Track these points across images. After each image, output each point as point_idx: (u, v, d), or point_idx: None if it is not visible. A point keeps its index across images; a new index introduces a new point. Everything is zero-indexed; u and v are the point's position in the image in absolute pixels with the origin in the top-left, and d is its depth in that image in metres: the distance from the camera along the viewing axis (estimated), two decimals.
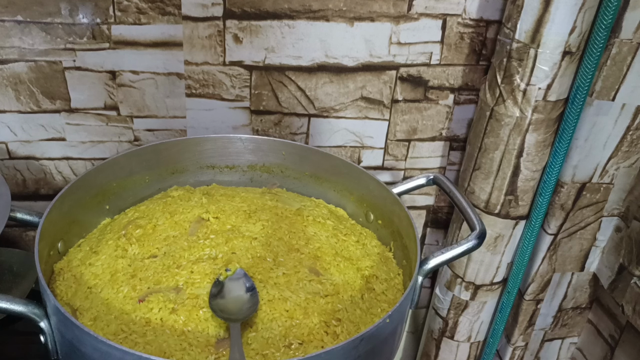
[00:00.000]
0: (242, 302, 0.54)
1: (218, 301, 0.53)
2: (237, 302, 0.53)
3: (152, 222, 0.68)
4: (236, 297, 0.54)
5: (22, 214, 0.65)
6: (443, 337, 0.97)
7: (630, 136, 0.78)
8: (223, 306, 0.52)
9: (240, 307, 0.52)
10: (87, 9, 0.70)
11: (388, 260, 0.70)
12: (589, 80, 0.71)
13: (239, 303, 0.54)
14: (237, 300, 0.54)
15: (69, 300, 0.59)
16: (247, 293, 0.54)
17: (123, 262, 0.63)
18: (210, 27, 0.74)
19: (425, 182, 0.76)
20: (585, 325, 0.98)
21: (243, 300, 0.54)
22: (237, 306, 0.53)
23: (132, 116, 0.79)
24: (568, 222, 0.84)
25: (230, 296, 0.55)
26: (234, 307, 0.52)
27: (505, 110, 0.75)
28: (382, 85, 0.81)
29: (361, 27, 0.76)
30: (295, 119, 0.83)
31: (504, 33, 0.73)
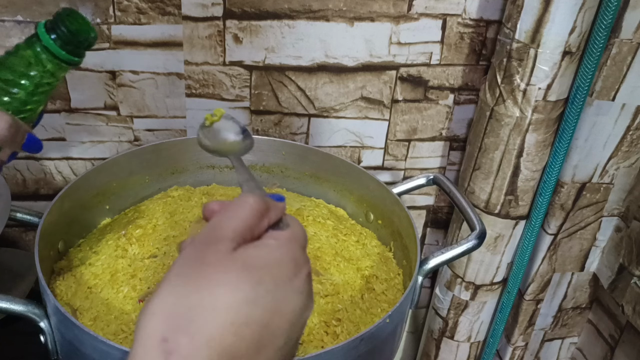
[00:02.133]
0: (236, 143, 0.46)
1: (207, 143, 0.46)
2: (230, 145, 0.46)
3: (152, 222, 0.68)
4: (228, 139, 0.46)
5: (22, 214, 0.65)
6: (443, 337, 0.97)
7: (630, 136, 0.78)
8: (215, 147, 0.46)
9: (235, 147, 0.45)
10: (87, 9, 0.70)
11: (388, 260, 0.70)
12: (589, 80, 0.71)
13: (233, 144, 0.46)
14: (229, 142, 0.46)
15: (69, 300, 0.59)
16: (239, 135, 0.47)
17: (123, 262, 0.63)
18: (210, 27, 0.74)
19: (425, 182, 0.76)
20: (585, 325, 0.98)
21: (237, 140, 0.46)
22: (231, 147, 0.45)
23: (132, 116, 0.79)
24: (568, 222, 0.84)
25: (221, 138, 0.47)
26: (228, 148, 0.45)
27: (505, 110, 0.75)
28: (382, 85, 0.81)
29: (361, 27, 0.76)
30: (295, 119, 0.83)
31: (504, 33, 0.73)
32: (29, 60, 0.41)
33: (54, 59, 0.41)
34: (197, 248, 0.30)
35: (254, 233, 0.32)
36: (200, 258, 0.30)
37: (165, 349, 0.27)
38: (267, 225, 0.33)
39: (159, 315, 0.28)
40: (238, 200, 0.33)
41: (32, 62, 0.41)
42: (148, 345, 0.27)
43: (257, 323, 0.29)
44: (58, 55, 0.41)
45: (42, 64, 0.41)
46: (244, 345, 0.28)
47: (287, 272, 0.31)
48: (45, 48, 0.41)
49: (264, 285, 0.29)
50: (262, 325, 0.29)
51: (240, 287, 0.29)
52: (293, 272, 0.31)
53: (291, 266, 0.31)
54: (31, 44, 0.41)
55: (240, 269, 0.29)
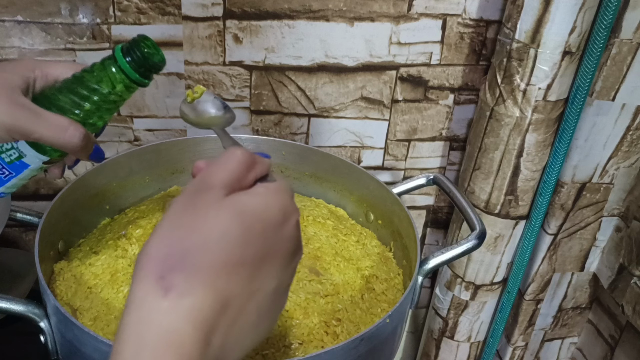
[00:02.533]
0: (218, 117, 0.49)
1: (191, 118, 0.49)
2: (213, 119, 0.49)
3: (152, 222, 0.68)
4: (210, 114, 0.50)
5: (22, 214, 0.65)
6: (443, 337, 0.97)
7: (630, 136, 0.78)
8: (198, 121, 0.49)
9: (218, 121, 0.48)
10: (87, 9, 0.70)
11: (388, 260, 0.70)
12: (589, 80, 0.71)
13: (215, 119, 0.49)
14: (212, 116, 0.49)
15: (69, 300, 0.59)
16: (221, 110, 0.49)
17: (123, 262, 0.63)
18: (210, 27, 0.74)
19: (425, 182, 0.76)
20: (585, 325, 0.98)
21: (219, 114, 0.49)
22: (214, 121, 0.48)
23: (132, 116, 0.79)
24: (568, 222, 0.84)
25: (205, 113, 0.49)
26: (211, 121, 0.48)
27: (505, 110, 0.75)
28: (382, 85, 0.81)
29: (361, 27, 0.76)
30: (295, 119, 0.83)
31: (504, 33, 0.73)
32: (103, 78, 0.45)
33: (126, 80, 0.45)
34: (188, 196, 0.31)
35: (242, 184, 0.33)
36: (192, 204, 0.31)
37: (163, 285, 0.28)
38: (254, 178, 0.34)
39: (155, 258, 0.29)
40: (225, 153, 0.34)
41: (105, 80, 0.45)
42: (146, 284, 0.28)
43: (249, 264, 0.30)
44: (130, 77, 0.45)
45: (113, 83, 0.45)
46: (237, 285, 0.29)
47: (276, 218, 0.32)
48: (120, 69, 0.44)
49: (254, 229, 0.30)
50: (254, 267, 0.30)
51: (232, 230, 0.30)
52: (282, 218, 0.32)
53: (280, 213, 0.32)
54: (107, 64, 0.45)
55: (232, 213, 0.30)
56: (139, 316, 0.28)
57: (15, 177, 0.49)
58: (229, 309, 0.29)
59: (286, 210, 0.33)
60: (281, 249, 0.32)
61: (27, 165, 0.48)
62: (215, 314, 0.28)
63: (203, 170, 0.33)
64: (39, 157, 0.47)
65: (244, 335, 0.31)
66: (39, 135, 0.43)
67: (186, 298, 0.28)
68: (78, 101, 0.45)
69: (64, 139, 0.44)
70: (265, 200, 0.32)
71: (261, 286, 0.31)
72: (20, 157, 0.47)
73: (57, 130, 0.44)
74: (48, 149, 0.47)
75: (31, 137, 0.44)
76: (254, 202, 0.32)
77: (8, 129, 0.42)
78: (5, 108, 0.42)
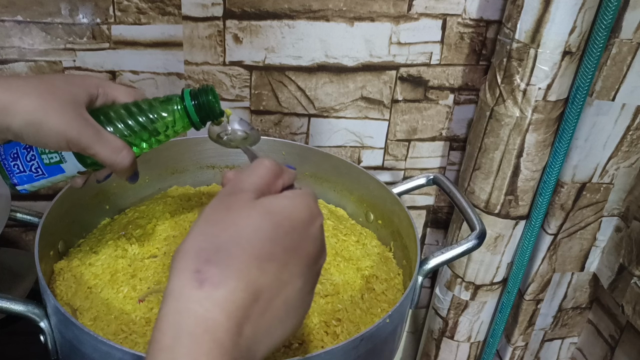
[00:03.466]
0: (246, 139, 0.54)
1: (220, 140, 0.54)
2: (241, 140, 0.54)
3: (152, 222, 0.68)
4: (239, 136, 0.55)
5: (22, 214, 0.65)
6: (443, 337, 0.97)
7: (630, 136, 0.78)
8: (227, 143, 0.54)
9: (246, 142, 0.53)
10: (87, 9, 0.70)
11: (388, 260, 0.70)
12: (589, 80, 0.71)
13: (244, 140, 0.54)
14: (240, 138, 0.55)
15: (69, 300, 0.59)
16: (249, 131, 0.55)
17: (123, 262, 0.63)
18: (210, 27, 0.74)
19: (425, 182, 0.76)
20: (585, 325, 0.98)
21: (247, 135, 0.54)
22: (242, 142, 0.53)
23: None
24: (568, 222, 0.84)
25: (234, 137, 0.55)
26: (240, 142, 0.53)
27: (505, 110, 0.75)
28: (382, 85, 0.81)
29: (361, 27, 0.76)
30: (295, 119, 0.83)
31: (504, 33, 0.73)
32: (166, 112, 0.49)
33: (186, 120, 0.49)
34: (221, 199, 0.34)
35: (271, 189, 0.36)
36: (225, 206, 0.33)
37: (199, 278, 0.30)
38: (282, 186, 0.37)
39: (191, 253, 0.31)
40: (255, 162, 0.37)
41: (167, 115, 0.49)
42: (183, 277, 0.30)
43: (278, 260, 0.32)
44: (192, 118, 0.49)
45: (174, 119, 0.49)
46: (267, 279, 0.31)
47: (303, 219, 0.34)
48: (185, 109, 0.49)
49: (283, 227, 0.33)
50: (282, 263, 0.32)
51: (262, 227, 0.32)
52: (309, 219, 0.34)
53: (307, 214, 0.34)
54: (174, 102, 0.49)
55: (262, 212, 0.33)
56: (177, 306, 0.30)
57: (46, 179, 0.50)
58: (260, 301, 0.31)
59: (312, 212, 0.35)
60: (307, 248, 0.34)
61: (62, 171, 0.49)
62: (247, 305, 0.30)
63: (233, 178, 0.36)
64: (78, 167, 0.49)
65: (273, 328, 0.32)
66: (94, 152, 0.46)
67: (220, 289, 0.30)
68: (135, 127, 0.48)
69: (117, 159, 0.47)
70: (293, 202, 0.34)
71: (289, 282, 0.33)
72: (59, 162, 0.49)
73: (113, 150, 0.46)
74: (89, 161, 0.49)
75: (87, 152, 0.46)
76: (282, 203, 0.34)
77: (69, 140, 0.44)
78: (71, 121, 0.44)
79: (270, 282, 0.31)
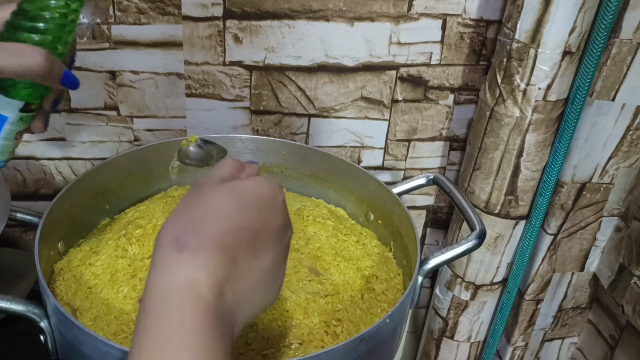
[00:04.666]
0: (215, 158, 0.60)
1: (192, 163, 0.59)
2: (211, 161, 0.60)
3: (152, 222, 0.68)
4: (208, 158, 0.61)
5: (22, 214, 0.65)
6: (443, 337, 0.97)
7: (630, 136, 0.78)
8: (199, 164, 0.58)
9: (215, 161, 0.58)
10: (87, 9, 0.70)
11: (388, 260, 0.70)
12: (589, 80, 0.71)
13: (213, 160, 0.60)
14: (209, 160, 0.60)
15: (69, 300, 0.59)
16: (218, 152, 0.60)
17: (123, 262, 0.63)
18: (210, 27, 0.74)
19: (425, 182, 0.76)
20: (585, 325, 0.98)
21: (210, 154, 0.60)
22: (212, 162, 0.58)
23: (132, 116, 0.79)
24: (568, 222, 0.84)
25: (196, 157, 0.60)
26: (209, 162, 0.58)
27: (505, 110, 0.75)
28: (382, 85, 0.81)
29: (361, 27, 0.76)
30: (295, 119, 0.83)
31: (504, 33, 0.73)
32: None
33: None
34: (192, 189, 0.38)
35: (235, 178, 0.40)
36: (195, 192, 0.38)
37: (178, 245, 0.33)
38: (246, 176, 0.41)
39: (169, 228, 0.35)
40: (219, 163, 0.41)
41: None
42: (164, 248, 0.34)
43: (249, 228, 0.36)
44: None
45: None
46: (240, 245, 0.35)
47: (266, 195, 0.38)
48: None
49: (249, 201, 0.37)
50: (253, 231, 0.36)
51: (230, 202, 0.36)
52: (272, 195, 0.39)
53: (269, 191, 0.39)
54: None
55: (229, 190, 0.37)
56: (162, 273, 0.33)
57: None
58: (237, 266, 0.34)
59: (274, 189, 0.39)
60: (274, 220, 0.38)
61: (4, 118, 0.46)
62: (225, 268, 0.33)
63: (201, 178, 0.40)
64: (13, 105, 0.46)
65: (252, 294, 0.36)
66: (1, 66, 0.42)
67: (198, 253, 0.33)
68: (32, 25, 0.44)
69: (26, 61, 0.43)
70: (255, 182, 0.39)
71: (262, 251, 0.36)
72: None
73: (17, 53, 0.43)
74: (19, 89, 0.45)
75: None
76: (245, 183, 0.39)
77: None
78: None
79: (245, 248, 0.35)
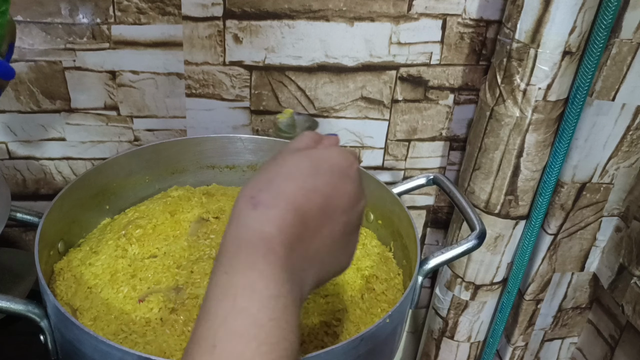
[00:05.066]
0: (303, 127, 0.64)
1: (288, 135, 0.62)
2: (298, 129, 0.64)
3: (152, 222, 0.68)
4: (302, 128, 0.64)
5: (22, 214, 0.65)
6: (443, 337, 0.97)
7: (630, 136, 0.78)
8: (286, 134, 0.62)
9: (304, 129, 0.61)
10: (87, 9, 0.70)
11: (388, 260, 0.70)
12: (589, 80, 0.71)
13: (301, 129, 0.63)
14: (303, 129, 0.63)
15: (69, 300, 0.59)
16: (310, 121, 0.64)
17: (123, 262, 0.63)
18: (210, 27, 0.74)
19: (425, 182, 0.76)
20: (585, 325, 0.98)
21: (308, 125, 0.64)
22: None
23: (132, 116, 0.79)
24: (568, 222, 0.84)
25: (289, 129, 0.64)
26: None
27: (505, 110, 0.75)
28: (382, 85, 0.81)
29: (361, 27, 0.76)
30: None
31: (504, 33, 0.73)
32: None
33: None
34: (271, 158, 0.39)
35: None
36: (274, 158, 0.39)
37: (253, 202, 0.35)
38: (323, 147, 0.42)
39: (247, 189, 0.36)
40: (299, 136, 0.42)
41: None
42: (240, 204, 0.35)
43: (321, 192, 0.37)
44: None
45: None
46: (312, 207, 0.36)
47: (339, 163, 0.39)
48: None
49: (322, 167, 0.38)
50: (325, 195, 0.37)
51: (304, 165, 0.37)
52: (345, 163, 0.39)
53: (342, 159, 0.39)
54: None
55: (303, 155, 0.39)
56: (236, 225, 0.35)
57: None
58: (308, 226, 0.35)
59: (348, 158, 0.40)
60: (346, 187, 0.39)
61: None
62: (297, 225, 0.35)
63: None
64: None
65: (323, 255, 0.37)
66: None
67: (272, 210, 0.34)
68: None
69: None
70: (329, 150, 0.40)
71: (333, 215, 0.37)
72: None
73: None
74: None
75: None
76: (320, 151, 0.40)
77: None
78: None
79: (316, 211, 0.36)
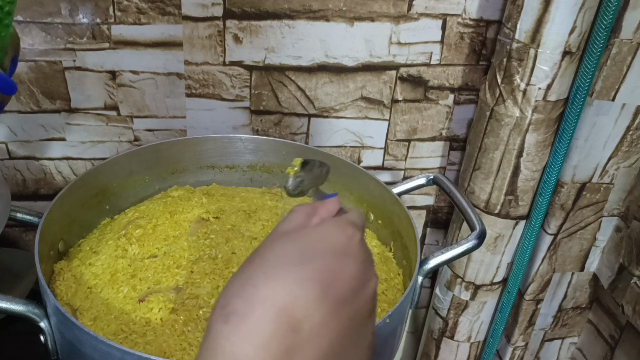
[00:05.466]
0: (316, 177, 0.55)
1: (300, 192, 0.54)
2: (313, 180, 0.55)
3: (152, 222, 0.68)
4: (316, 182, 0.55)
5: (22, 214, 0.65)
6: (443, 337, 0.97)
7: (630, 136, 0.78)
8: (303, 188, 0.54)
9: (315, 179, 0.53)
10: (87, 9, 0.70)
11: (388, 260, 0.70)
12: (589, 80, 0.71)
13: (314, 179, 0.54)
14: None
15: (69, 300, 0.59)
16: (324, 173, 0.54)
17: (123, 262, 0.63)
18: (210, 27, 0.74)
19: (425, 182, 0.76)
20: (585, 325, 0.98)
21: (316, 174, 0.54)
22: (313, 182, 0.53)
23: (132, 116, 0.79)
24: (568, 222, 0.84)
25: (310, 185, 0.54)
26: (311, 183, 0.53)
27: (505, 110, 0.75)
28: (382, 85, 0.81)
29: (361, 27, 0.76)
30: (295, 119, 0.83)
31: (504, 33, 0.73)
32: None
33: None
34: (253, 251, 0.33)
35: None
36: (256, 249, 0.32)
37: (224, 313, 0.29)
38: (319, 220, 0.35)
39: (223, 292, 0.30)
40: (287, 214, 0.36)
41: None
42: (213, 316, 0.29)
43: (313, 283, 0.29)
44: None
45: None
46: (302, 305, 0.28)
47: (337, 240, 0.32)
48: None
49: (314, 249, 0.31)
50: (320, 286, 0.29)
51: (289, 252, 0.30)
52: (344, 239, 0.32)
53: (340, 236, 0.32)
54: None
55: (289, 239, 0.32)
56: (207, 345, 0.29)
57: None
58: (300, 331, 0.28)
59: (346, 231, 0.33)
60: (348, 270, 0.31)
61: None
62: (282, 336, 0.28)
63: None
64: None
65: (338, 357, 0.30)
66: None
67: (247, 321, 0.28)
68: None
69: None
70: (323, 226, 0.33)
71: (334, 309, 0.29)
72: None
73: None
74: None
75: None
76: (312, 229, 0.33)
77: None
78: None
79: (310, 309, 0.28)
